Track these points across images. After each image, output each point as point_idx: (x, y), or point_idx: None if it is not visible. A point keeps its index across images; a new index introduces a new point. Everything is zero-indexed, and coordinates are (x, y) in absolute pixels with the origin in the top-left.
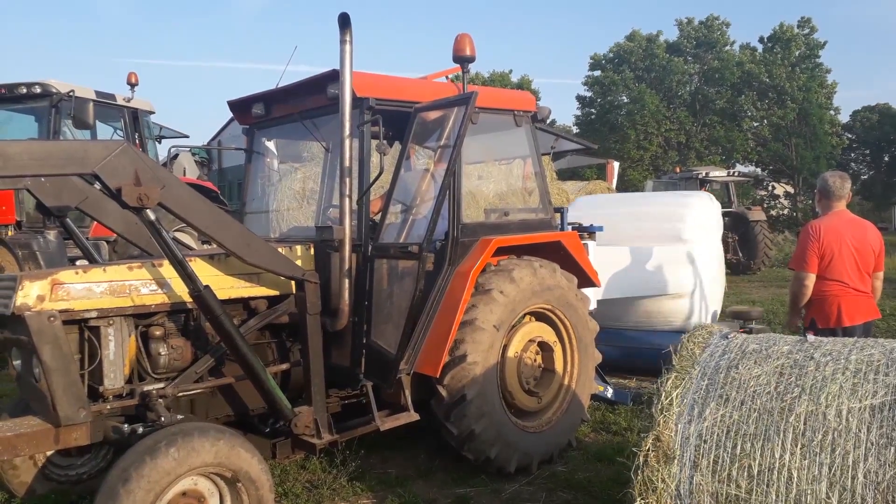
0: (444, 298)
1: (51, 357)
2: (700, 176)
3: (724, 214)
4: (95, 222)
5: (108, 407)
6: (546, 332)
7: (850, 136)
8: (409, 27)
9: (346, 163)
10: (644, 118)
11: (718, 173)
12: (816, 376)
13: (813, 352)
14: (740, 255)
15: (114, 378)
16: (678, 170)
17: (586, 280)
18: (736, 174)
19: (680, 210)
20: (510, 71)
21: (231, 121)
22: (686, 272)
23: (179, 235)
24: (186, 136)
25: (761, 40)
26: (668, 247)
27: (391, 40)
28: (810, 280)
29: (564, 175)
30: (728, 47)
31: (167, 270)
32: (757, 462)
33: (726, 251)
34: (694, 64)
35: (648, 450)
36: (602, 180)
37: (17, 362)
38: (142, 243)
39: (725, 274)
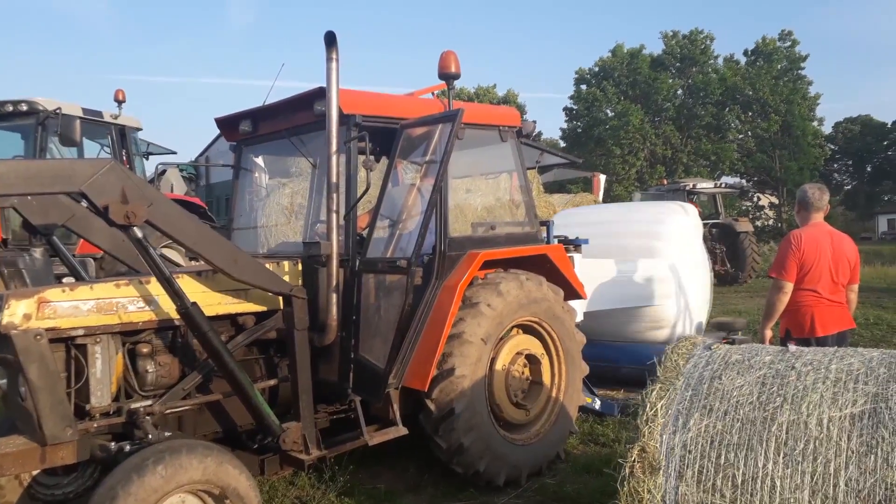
0: (431, 312)
1: (37, 376)
2: (687, 188)
3: (712, 226)
4: (82, 240)
5: (95, 425)
6: (533, 345)
7: (832, 146)
8: (395, 44)
9: (334, 179)
10: (629, 133)
11: (705, 185)
12: (798, 386)
13: (794, 362)
14: (728, 266)
15: (101, 396)
16: (665, 182)
17: (572, 292)
18: (723, 185)
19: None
20: (494, 85)
21: (218, 137)
22: (670, 283)
23: (167, 252)
24: (174, 153)
25: (746, 53)
26: (650, 258)
27: (377, 58)
28: (789, 288)
29: (551, 188)
30: (712, 61)
31: (154, 287)
32: (741, 471)
33: (714, 262)
34: (678, 79)
35: (634, 461)
36: (588, 193)
37: (2, 381)
38: (129, 260)
39: (714, 285)
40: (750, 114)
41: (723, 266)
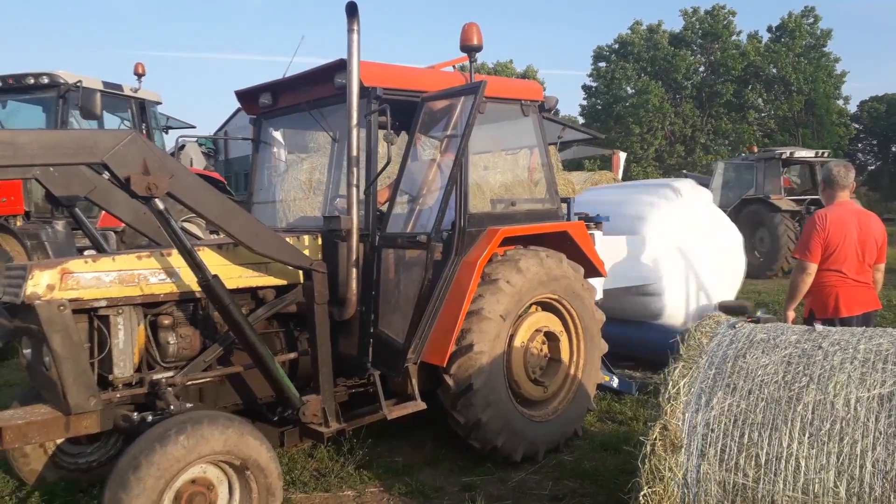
0: (451, 288)
1: (61, 346)
2: (783, 156)
3: (811, 202)
4: (104, 212)
5: (118, 395)
6: (552, 322)
7: (857, 126)
8: (417, 17)
9: (354, 153)
10: (648, 112)
11: (805, 153)
12: (824, 366)
13: (821, 341)
14: None
15: (123, 367)
16: (755, 149)
17: (593, 270)
18: (825, 154)
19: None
20: (511, 61)
21: (238, 111)
22: (683, 263)
23: (187, 225)
24: (193, 127)
25: (770, 30)
26: (668, 237)
27: (398, 29)
28: (812, 269)
29: (570, 166)
30: (734, 37)
31: (176, 260)
32: (764, 451)
33: None
34: (700, 55)
35: (656, 438)
36: (608, 171)
37: (27, 351)
38: (150, 233)
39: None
40: (773, 93)
41: None
